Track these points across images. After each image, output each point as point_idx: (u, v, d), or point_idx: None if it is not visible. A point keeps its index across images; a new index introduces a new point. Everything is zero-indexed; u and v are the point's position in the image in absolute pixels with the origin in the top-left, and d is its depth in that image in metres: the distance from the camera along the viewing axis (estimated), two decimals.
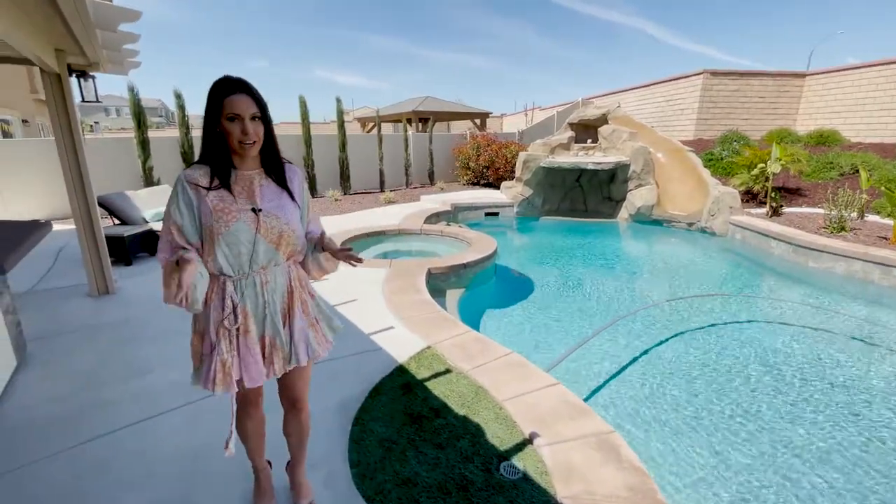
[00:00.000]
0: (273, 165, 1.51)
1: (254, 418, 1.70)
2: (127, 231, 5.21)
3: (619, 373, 3.68)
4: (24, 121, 12.72)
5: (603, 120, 10.05)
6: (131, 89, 8.43)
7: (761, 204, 8.74)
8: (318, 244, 1.61)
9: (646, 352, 4.01)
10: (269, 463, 1.91)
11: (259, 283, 1.48)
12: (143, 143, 8.76)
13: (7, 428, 2.32)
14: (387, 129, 19.05)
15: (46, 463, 2.07)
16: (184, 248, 1.38)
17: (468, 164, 12.67)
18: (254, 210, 1.42)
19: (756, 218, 7.69)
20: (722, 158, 10.42)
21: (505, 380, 2.71)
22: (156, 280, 4.73)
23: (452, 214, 9.42)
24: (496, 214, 9.81)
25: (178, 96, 9.10)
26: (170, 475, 2.01)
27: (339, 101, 11.16)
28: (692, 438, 2.81)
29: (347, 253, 1.53)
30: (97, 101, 4.04)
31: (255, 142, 1.40)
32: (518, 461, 2.08)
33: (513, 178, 11.92)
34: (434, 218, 8.75)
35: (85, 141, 8.21)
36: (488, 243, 6.10)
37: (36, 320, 3.64)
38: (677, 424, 2.95)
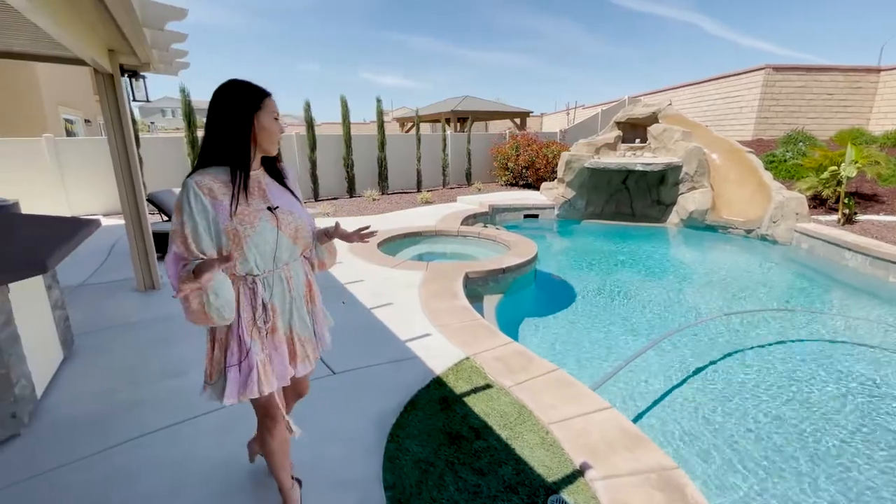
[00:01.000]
0: (273, 165, 1.53)
1: (279, 436, 1.62)
2: None
3: (669, 393, 3.37)
4: (87, 120, 13.56)
5: (653, 119, 9.53)
6: (182, 90, 8.74)
7: (831, 210, 7.98)
8: (320, 237, 1.67)
9: (699, 371, 3.67)
10: (299, 481, 1.83)
11: (284, 279, 1.50)
12: (193, 143, 9.08)
13: (46, 424, 2.34)
14: (424, 129, 19.04)
15: (74, 468, 2.04)
16: (189, 261, 1.32)
17: (507, 164, 12.39)
18: (269, 209, 1.42)
19: (826, 226, 7.01)
20: (785, 160, 9.64)
21: (551, 400, 2.49)
22: None
23: (490, 216, 9.21)
24: (536, 217, 9.51)
25: None
26: (199, 488, 1.93)
27: (379, 101, 11.18)
28: (762, 478, 2.49)
29: (360, 233, 1.59)
30: (147, 100, 4.13)
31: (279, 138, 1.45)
32: (568, 496, 1.87)
33: (554, 179, 11.55)
34: (471, 219, 8.58)
35: (140, 140, 8.62)
36: (528, 247, 5.85)
37: (85, 314, 3.75)
38: (746, 460, 2.63)
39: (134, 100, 4.04)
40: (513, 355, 2.98)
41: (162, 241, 5.25)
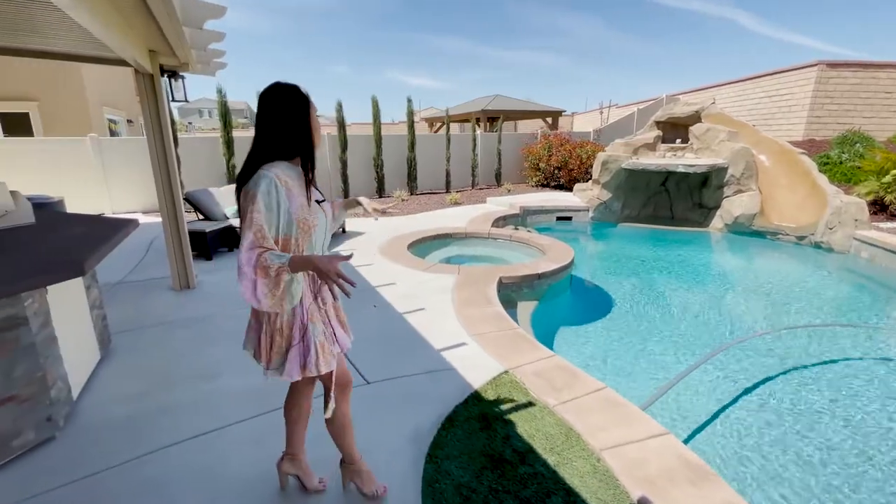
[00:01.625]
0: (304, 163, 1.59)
1: (309, 400, 1.80)
2: (209, 227, 5.39)
3: (720, 413, 3.11)
4: (129, 121, 14.07)
5: (695, 118, 9.08)
6: (219, 91, 8.90)
7: (893, 217, 7.39)
8: (348, 205, 1.83)
9: (752, 390, 3.38)
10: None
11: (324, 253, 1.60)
12: (228, 143, 9.23)
13: (81, 427, 2.31)
14: (453, 129, 18.91)
15: (109, 476, 1.99)
16: (270, 251, 1.35)
17: (538, 164, 12.12)
18: (318, 201, 1.55)
19: (889, 233, 6.48)
20: (841, 162, 9.01)
21: (600, 422, 2.30)
22: (234, 277, 4.82)
23: (521, 218, 8.99)
24: (569, 219, 9.22)
25: None
26: (234, 501, 1.85)
27: (409, 101, 11.12)
28: None
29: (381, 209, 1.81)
30: (186, 100, 4.16)
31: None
32: None
33: (587, 180, 11.21)
34: (501, 221, 8.38)
35: (178, 140, 8.82)
36: (564, 252, 5.62)
37: (122, 312, 3.78)
38: (823, 497, 2.36)
39: (173, 100, 4.07)
40: (555, 370, 2.80)
41: (198, 239, 5.31)
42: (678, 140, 9.30)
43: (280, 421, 2.29)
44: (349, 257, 1.41)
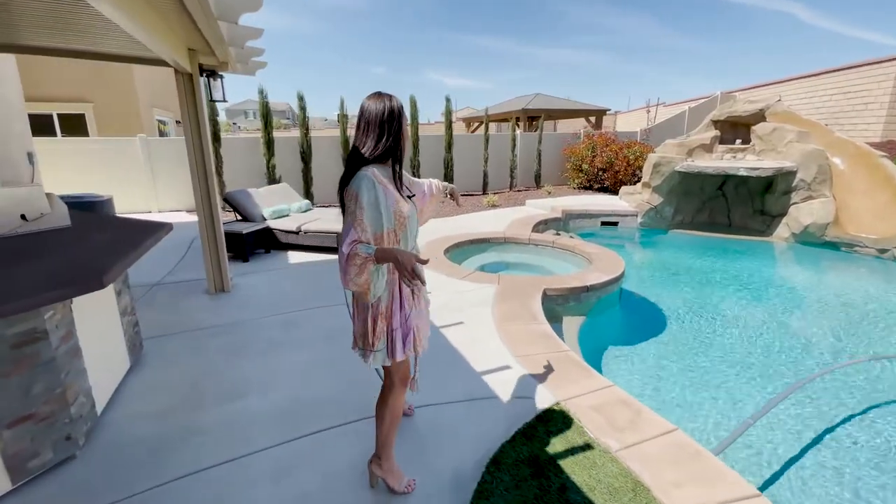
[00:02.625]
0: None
1: (402, 399, 1.85)
2: (246, 228, 5.34)
3: (802, 456, 2.66)
4: (178, 122, 14.60)
5: (759, 116, 8.34)
6: (261, 91, 8.97)
7: None
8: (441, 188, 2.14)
9: (835, 428, 2.90)
10: None
11: (417, 253, 1.66)
12: (269, 143, 9.31)
13: (103, 446, 2.19)
14: (491, 129, 18.52)
15: None
16: (362, 243, 1.53)
17: (581, 165, 11.59)
18: (409, 197, 1.74)
19: None
20: None
21: (673, 476, 1.94)
22: (269, 280, 4.72)
23: (563, 222, 8.55)
24: (615, 224, 8.70)
25: (301, 98, 9.50)
26: None
27: (448, 100, 10.89)
28: None
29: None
30: (224, 99, 4.08)
31: None
32: None
33: (634, 182, 10.61)
34: (542, 225, 7.99)
35: (221, 140, 8.96)
36: (613, 261, 5.20)
37: (157, 316, 3.72)
38: None
39: (211, 100, 4.00)
40: (615, 405, 2.45)
41: (234, 241, 5.26)
42: (738, 141, 8.58)
43: (311, 446, 2.11)
44: (426, 261, 1.54)
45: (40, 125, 9.97)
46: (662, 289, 5.72)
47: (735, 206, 8.57)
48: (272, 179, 9.33)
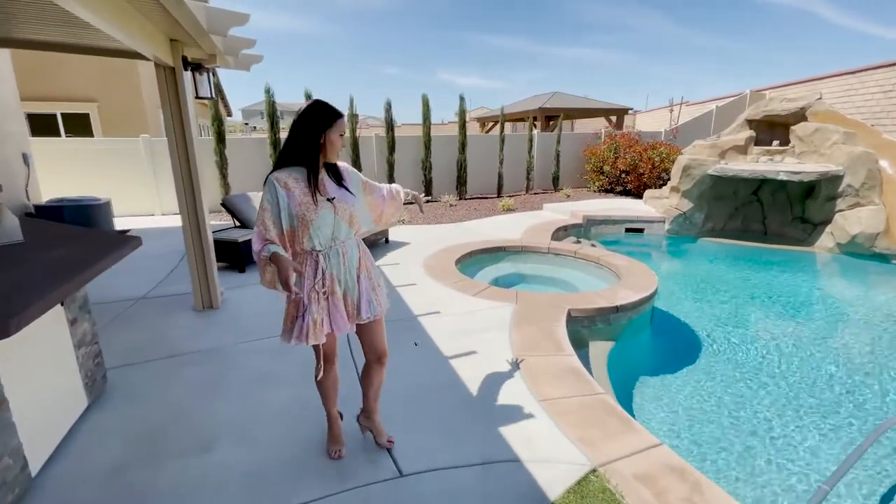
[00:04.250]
0: (331, 167, 1.90)
1: (330, 376, 2.01)
2: (242, 235, 4.95)
3: None
4: None
5: (799, 116, 7.68)
6: (267, 91, 8.63)
7: None
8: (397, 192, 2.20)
9: None
10: (341, 414, 2.19)
11: (340, 254, 1.86)
12: (276, 144, 8.95)
13: None
14: (506, 129, 17.97)
15: None
16: (270, 242, 1.73)
17: (602, 167, 11.01)
18: (329, 199, 1.80)
19: None
20: None
21: None
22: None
23: (584, 228, 8.01)
24: (640, 231, 8.12)
25: (309, 97, 9.14)
26: None
27: (462, 99, 10.41)
28: None
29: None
30: (211, 96, 3.68)
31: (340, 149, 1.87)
32: None
33: (659, 186, 10.00)
34: (561, 232, 7.47)
35: (225, 140, 8.63)
36: (645, 276, 4.67)
37: (131, 339, 3.33)
38: None
39: (197, 96, 3.60)
40: (666, 474, 1.96)
41: (229, 249, 4.87)
42: (775, 142, 7.93)
43: None
44: (301, 272, 1.78)
45: (44, 125, 9.79)
46: (697, 306, 5.17)
47: (772, 213, 7.92)
48: None
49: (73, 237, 2.58)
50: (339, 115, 1.76)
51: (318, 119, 1.73)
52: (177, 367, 2.94)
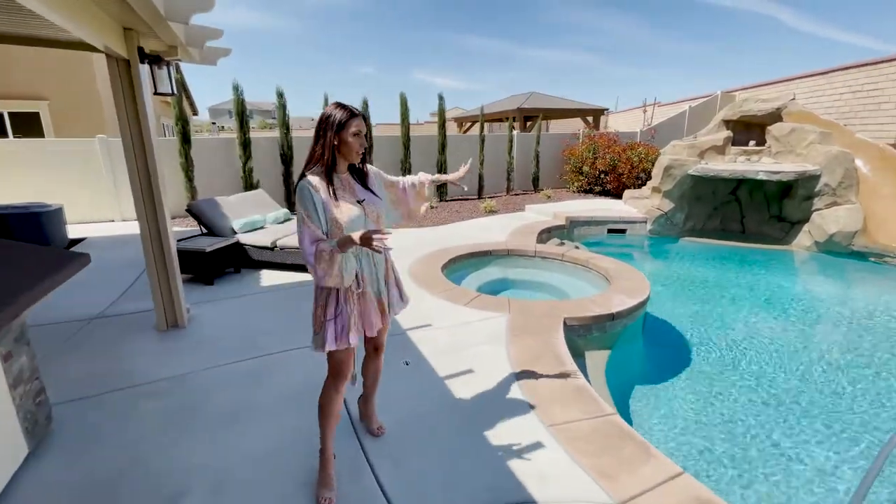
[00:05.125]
0: (356, 169, 1.90)
1: (339, 399, 1.90)
2: (211, 244, 4.56)
3: None
4: None
5: (774, 116, 7.80)
6: (235, 88, 8.16)
7: None
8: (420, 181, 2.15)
9: None
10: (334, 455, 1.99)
11: (371, 255, 1.88)
12: (245, 144, 8.48)
13: None
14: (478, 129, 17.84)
15: None
16: (322, 240, 1.71)
17: (581, 167, 10.98)
18: (358, 201, 1.82)
19: None
20: None
21: None
22: (237, 309, 3.96)
23: (567, 230, 7.92)
24: (622, 232, 8.08)
25: (280, 94, 8.72)
26: None
27: (441, 98, 10.16)
28: None
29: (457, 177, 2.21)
30: (172, 92, 3.31)
31: (364, 151, 1.82)
32: None
33: (638, 186, 10.04)
34: (545, 234, 7.34)
35: (190, 140, 8.11)
36: (635, 280, 4.56)
37: (84, 368, 2.94)
38: None
39: (156, 92, 3.23)
40: None
41: (196, 260, 4.49)
42: (752, 142, 8.04)
43: None
44: (388, 234, 1.63)
45: None
46: (681, 308, 5.10)
47: (749, 212, 8.02)
48: (249, 184, 8.50)
49: (4, 256, 2.21)
50: (352, 114, 1.75)
51: (332, 120, 1.74)
52: (136, 400, 2.58)
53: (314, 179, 1.74)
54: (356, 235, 1.61)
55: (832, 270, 6.38)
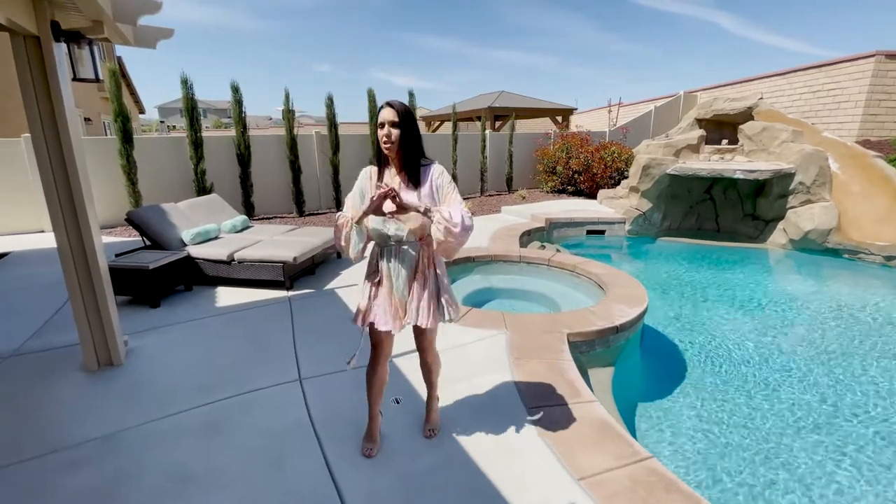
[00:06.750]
0: (408, 167, 1.83)
1: (378, 373, 2.04)
2: (154, 260, 3.91)
3: None
4: (87, 119, 12.34)
5: (746, 115, 7.85)
6: (184, 82, 7.37)
7: None
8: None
9: None
10: (381, 413, 2.16)
11: (393, 253, 1.89)
12: (197, 144, 7.69)
13: None
14: (447, 128, 17.51)
15: None
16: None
17: (554, 167, 10.80)
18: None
19: None
20: None
21: None
22: (186, 338, 3.35)
23: (546, 232, 7.65)
24: (601, 233, 7.90)
25: (236, 90, 7.99)
26: None
27: (411, 95, 9.69)
28: None
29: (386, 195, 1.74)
30: (97, 78, 2.70)
31: (391, 143, 1.77)
32: None
33: (612, 185, 9.95)
34: (525, 237, 7.03)
35: (133, 141, 7.26)
36: (631, 287, 4.29)
37: None
38: None
39: (75, 77, 2.62)
40: None
41: (138, 279, 3.83)
42: (724, 141, 8.06)
43: None
44: (390, 190, 1.69)
45: None
46: (667, 314, 4.89)
47: (724, 211, 8.03)
48: (202, 188, 7.72)
49: None
50: (380, 107, 1.79)
51: (377, 116, 1.79)
52: (54, 472, 1.99)
53: (372, 169, 1.91)
54: (364, 205, 1.79)
55: (808, 268, 6.40)
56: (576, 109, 15.99)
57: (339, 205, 9.21)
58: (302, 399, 2.53)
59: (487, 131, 11.04)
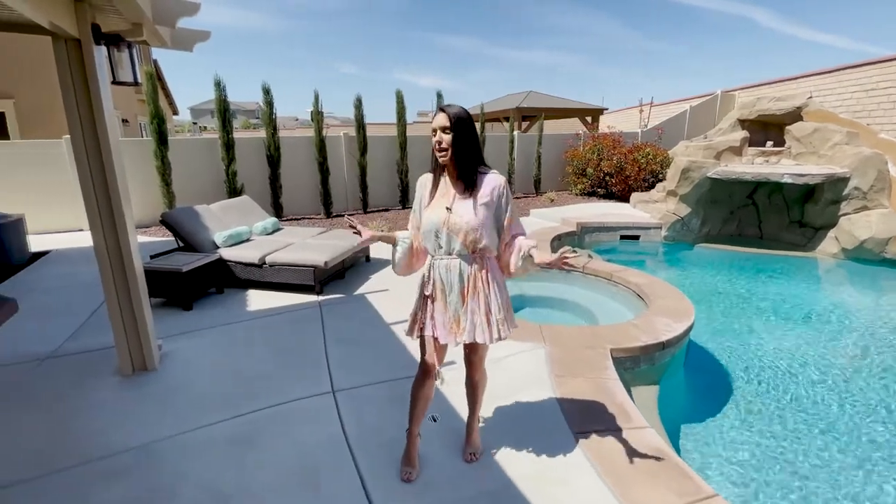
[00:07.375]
0: (463, 175, 1.75)
1: (425, 388, 1.91)
2: (187, 263, 3.91)
3: None
4: (125, 120, 12.75)
5: (794, 116, 7.42)
6: (217, 83, 7.46)
7: None
8: (525, 253, 1.82)
9: None
10: (419, 435, 2.02)
11: (445, 266, 1.82)
12: (228, 145, 7.78)
13: None
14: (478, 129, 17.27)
15: None
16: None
17: (584, 169, 10.51)
18: (447, 209, 1.76)
19: None
20: None
21: None
22: (218, 343, 3.32)
23: (578, 237, 7.41)
24: (636, 238, 7.61)
25: (267, 91, 8.04)
26: None
27: (439, 96, 9.59)
28: None
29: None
30: (136, 81, 2.68)
31: (444, 149, 1.70)
32: None
33: (646, 189, 9.60)
34: (556, 241, 6.82)
35: (167, 141, 7.40)
36: (675, 298, 4.06)
37: (23, 436, 2.29)
38: None
39: (114, 81, 2.60)
40: None
41: (172, 282, 3.84)
42: (769, 143, 7.65)
43: None
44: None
45: None
46: (722, 325, 4.62)
47: (767, 217, 7.62)
48: (233, 189, 7.81)
49: None
50: (434, 112, 1.76)
51: (433, 121, 1.75)
52: (88, 484, 1.95)
53: (428, 177, 1.87)
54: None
55: (867, 279, 5.97)
56: (606, 109, 15.58)
57: (366, 207, 9.19)
58: (336, 412, 2.44)
59: (515, 132, 10.84)
